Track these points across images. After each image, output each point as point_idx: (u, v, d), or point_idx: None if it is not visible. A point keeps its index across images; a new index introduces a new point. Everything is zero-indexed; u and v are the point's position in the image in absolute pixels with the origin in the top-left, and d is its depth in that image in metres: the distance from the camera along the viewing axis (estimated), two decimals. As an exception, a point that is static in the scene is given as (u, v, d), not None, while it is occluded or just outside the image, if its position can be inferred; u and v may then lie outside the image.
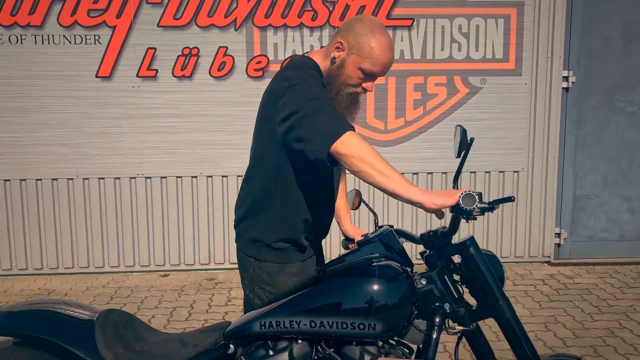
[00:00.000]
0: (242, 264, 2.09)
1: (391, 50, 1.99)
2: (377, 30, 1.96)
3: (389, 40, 1.98)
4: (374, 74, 2.00)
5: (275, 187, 2.00)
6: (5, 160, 4.70)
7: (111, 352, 1.84)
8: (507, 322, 1.84)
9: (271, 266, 2.02)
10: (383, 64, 1.97)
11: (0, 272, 4.84)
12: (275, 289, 2.00)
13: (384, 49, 1.95)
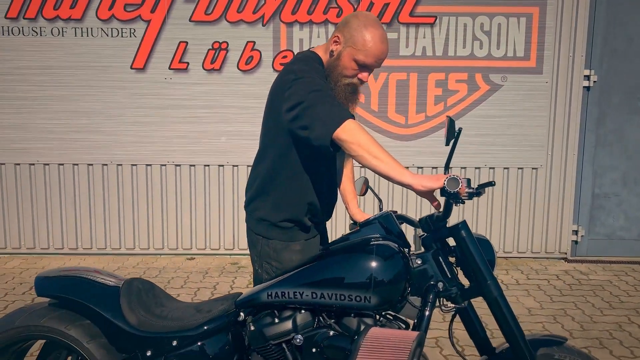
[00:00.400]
0: (251, 242, 2.29)
1: (383, 42, 2.12)
2: (370, 24, 2.11)
3: (381, 33, 2.12)
4: (367, 65, 2.14)
5: (281, 171, 2.19)
6: (45, 146, 4.99)
7: (134, 315, 2.06)
8: (495, 300, 1.98)
9: (277, 243, 2.21)
10: (375, 55, 2.12)
11: (38, 250, 5.16)
12: (280, 265, 2.19)
13: (375, 42, 2.10)
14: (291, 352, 1.98)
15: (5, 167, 5.03)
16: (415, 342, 1.83)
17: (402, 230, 2.10)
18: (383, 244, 1.99)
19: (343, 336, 1.92)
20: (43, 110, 4.95)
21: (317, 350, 1.93)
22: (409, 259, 2.01)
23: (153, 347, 2.03)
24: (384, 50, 2.14)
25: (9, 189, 5.06)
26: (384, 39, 2.13)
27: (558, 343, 2.08)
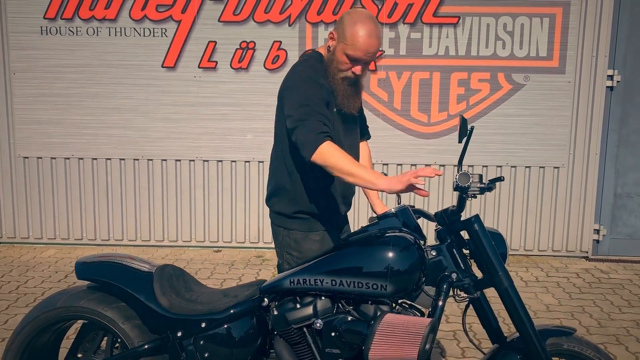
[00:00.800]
0: (274, 233, 2.45)
1: (371, 37, 2.22)
2: (359, 20, 2.23)
3: (370, 28, 2.22)
4: (357, 59, 2.26)
5: (293, 167, 2.36)
6: (80, 141, 5.21)
7: (166, 298, 2.21)
8: (505, 290, 2.08)
9: (297, 234, 2.36)
10: (363, 49, 2.23)
11: (72, 241, 5.38)
12: (301, 254, 2.33)
13: (363, 36, 2.21)
14: (311, 336, 2.12)
15: (42, 161, 5.27)
16: (428, 328, 1.95)
17: (418, 224, 2.21)
18: (400, 235, 2.10)
19: (360, 321, 2.04)
20: (78, 107, 5.17)
21: (335, 334, 2.05)
22: (424, 250, 2.12)
23: (183, 329, 2.18)
24: (372, 44, 2.23)
25: (45, 182, 5.29)
26: (372, 34, 2.23)
27: (567, 333, 2.17)
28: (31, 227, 5.37)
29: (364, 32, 2.22)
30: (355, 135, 2.55)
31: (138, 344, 2.20)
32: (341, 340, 2.05)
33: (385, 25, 4.98)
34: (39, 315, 2.27)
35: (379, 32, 2.27)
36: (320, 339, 2.10)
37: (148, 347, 2.19)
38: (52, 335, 2.43)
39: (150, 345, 2.19)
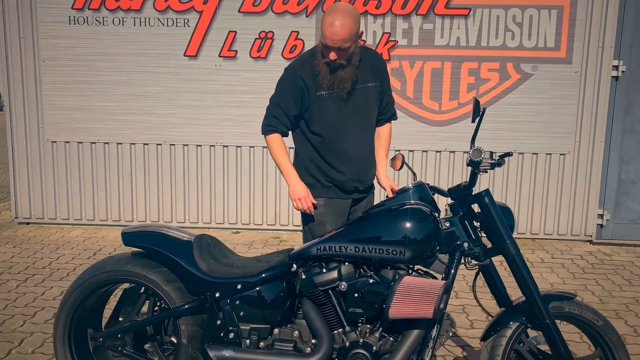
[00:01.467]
0: None
1: (332, 26, 2.48)
2: (328, 12, 2.53)
3: (332, 18, 2.49)
4: (327, 47, 2.55)
5: (298, 140, 2.83)
6: (106, 126, 5.45)
7: (204, 263, 2.45)
8: (512, 257, 2.30)
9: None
10: (327, 37, 2.52)
11: (97, 222, 5.64)
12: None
13: (327, 26, 2.50)
14: (336, 297, 2.35)
15: (69, 145, 5.52)
16: (442, 289, 2.18)
17: (433, 198, 2.43)
18: (417, 207, 2.33)
19: (381, 283, 2.27)
20: (104, 94, 5.40)
21: (358, 295, 2.28)
22: (438, 221, 2.34)
23: (221, 290, 2.41)
24: (334, 32, 2.49)
25: (72, 166, 5.55)
26: (335, 23, 2.48)
27: (568, 298, 2.39)
28: (58, 209, 5.63)
29: (328, 22, 2.51)
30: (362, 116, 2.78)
31: (179, 304, 2.44)
32: (363, 300, 2.28)
33: (399, 17, 5.17)
34: (90, 277, 2.52)
35: (343, 21, 2.48)
36: (344, 300, 2.33)
37: (188, 307, 2.42)
38: (97, 299, 2.68)
39: (190, 305, 2.43)
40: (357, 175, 2.81)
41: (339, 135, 2.73)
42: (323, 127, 2.72)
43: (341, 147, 2.74)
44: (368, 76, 2.75)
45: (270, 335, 2.41)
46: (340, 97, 2.69)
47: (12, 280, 4.20)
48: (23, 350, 3.16)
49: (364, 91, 2.74)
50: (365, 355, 2.28)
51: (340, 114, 2.71)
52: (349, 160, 2.76)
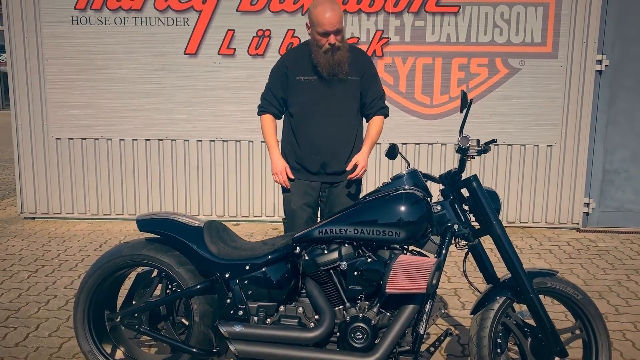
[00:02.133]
0: None
1: (327, 11, 2.84)
2: (317, 5, 2.86)
3: (324, 7, 2.85)
4: (326, 32, 2.87)
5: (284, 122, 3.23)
6: (108, 123, 5.63)
7: (215, 246, 2.64)
8: (498, 237, 2.50)
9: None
10: (324, 23, 2.85)
11: (101, 215, 5.82)
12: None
13: (322, 14, 2.84)
14: (337, 276, 2.54)
15: (73, 142, 5.68)
16: (435, 266, 2.38)
17: (425, 184, 2.63)
18: (410, 192, 2.52)
19: (378, 262, 2.47)
20: (107, 91, 5.57)
21: (358, 273, 2.48)
22: (430, 205, 2.54)
23: (230, 271, 2.60)
24: (331, 16, 2.85)
25: (76, 161, 5.72)
26: (328, 9, 2.85)
27: (551, 275, 2.60)
28: (63, 203, 5.80)
29: (321, 12, 2.86)
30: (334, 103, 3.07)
31: (191, 285, 2.63)
32: (362, 278, 2.47)
33: (391, 14, 5.37)
34: (108, 261, 2.70)
35: (334, 6, 2.87)
36: (345, 278, 2.53)
37: (200, 287, 2.61)
38: (112, 282, 2.86)
39: (201, 285, 2.62)
40: (321, 158, 3.09)
41: (306, 118, 3.07)
42: (295, 108, 3.09)
43: (308, 129, 3.08)
44: (353, 70, 3.03)
45: (276, 312, 2.61)
46: (315, 83, 3.03)
47: (23, 271, 4.38)
48: (40, 335, 3.34)
49: (341, 82, 3.04)
50: (365, 329, 2.48)
51: (312, 98, 3.05)
52: (312, 142, 3.07)
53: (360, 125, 3.22)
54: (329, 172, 3.14)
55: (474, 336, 2.54)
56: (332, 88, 3.06)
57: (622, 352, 3.20)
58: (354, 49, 3.13)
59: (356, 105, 3.14)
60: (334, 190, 3.19)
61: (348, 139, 3.15)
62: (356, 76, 3.08)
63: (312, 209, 3.21)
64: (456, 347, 3.24)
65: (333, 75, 3.00)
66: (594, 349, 2.58)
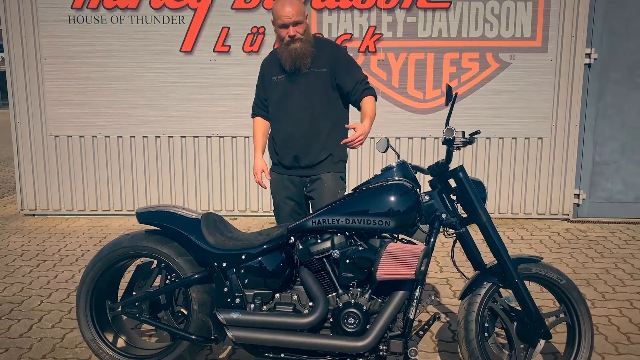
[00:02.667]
0: None
1: (286, 5, 2.95)
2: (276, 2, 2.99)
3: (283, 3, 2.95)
4: (284, 25, 2.98)
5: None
6: (106, 120, 5.71)
7: (212, 237, 2.74)
8: (484, 225, 2.60)
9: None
10: (282, 15, 2.97)
11: (100, 212, 5.91)
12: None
13: (280, 7, 2.96)
14: (330, 264, 2.64)
15: (71, 139, 5.77)
16: (423, 253, 2.49)
17: (414, 175, 2.73)
18: (400, 183, 2.62)
19: (369, 250, 2.57)
20: (104, 89, 5.66)
21: (350, 261, 2.58)
22: (419, 195, 2.64)
23: (227, 261, 2.70)
24: (287, 9, 2.96)
25: (74, 159, 5.80)
26: (287, 3, 2.97)
27: (535, 261, 2.70)
28: (63, 200, 5.89)
29: (279, 6, 2.98)
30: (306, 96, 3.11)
31: (190, 274, 2.72)
32: (354, 265, 2.57)
33: (384, 11, 5.46)
34: (109, 253, 2.80)
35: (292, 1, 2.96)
36: (337, 266, 2.62)
37: (198, 276, 2.71)
38: (113, 274, 2.96)
39: (200, 275, 2.71)
40: (293, 151, 3.15)
41: (280, 114, 3.16)
42: (272, 107, 3.21)
43: (281, 124, 3.17)
44: (318, 63, 3.09)
45: (272, 300, 2.71)
46: (283, 80, 3.12)
47: (24, 266, 4.47)
48: (43, 326, 3.44)
49: (306, 76, 3.10)
50: (357, 314, 2.58)
51: (284, 93, 3.14)
52: (284, 137, 3.16)
53: (337, 117, 3.19)
54: (302, 165, 3.16)
55: (462, 320, 2.64)
56: (297, 82, 3.11)
57: (607, 336, 3.31)
58: (320, 42, 3.16)
59: (326, 98, 3.13)
60: (317, 183, 3.19)
61: (319, 131, 3.13)
62: (323, 68, 3.09)
63: (294, 202, 3.26)
64: (447, 333, 3.35)
65: (296, 69, 3.07)
66: (577, 331, 2.69)
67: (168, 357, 2.79)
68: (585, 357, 2.67)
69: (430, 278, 4.20)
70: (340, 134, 3.17)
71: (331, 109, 3.16)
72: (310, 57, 3.06)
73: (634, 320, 3.51)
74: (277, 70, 3.15)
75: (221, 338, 2.79)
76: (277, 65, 3.15)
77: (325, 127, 3.15)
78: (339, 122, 3.19)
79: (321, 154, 3.15)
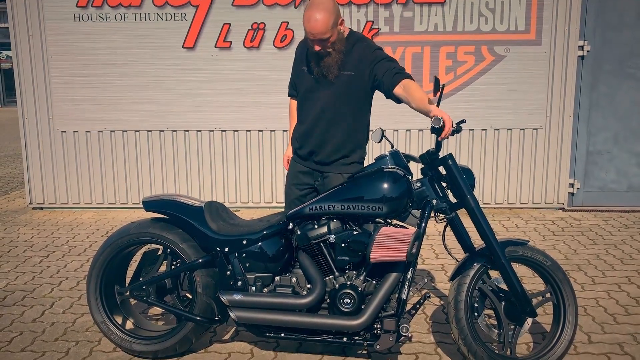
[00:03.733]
0: None
1: (308, 21, 2.83)
2: (307, 8, 2.87)
3: (308, 15, 2.84)
4: (310, 40, 2.91)
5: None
6: (111, 115, 5.86)
7: (215, 223, 2.89)
8: (472, 210, 2.75)
9: None
10: (308, 31, 2.88)
11: (106, 205, 6.07)
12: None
13: (306, 22, 2.85)
14: (326, 248, 2.79)
15: (78, 134, 5.93)
16: (414, 236, 2.63)
17: (406, 164, 2.87)
18: (392, 170, 2.77)
19: (363, 234, 2.72)
20: (109, 85, 5.81)
21: (345, 245, 2.72)
22: (411, 182, 2.79)
23: (229, 246, 2.85)
24: (312, 27, 2.84)
25: (81, 153, 5.96)
26: (312, 18, 2.82)
27: (522, 244, 2.84)
28: (70, 194, 6.05)
29: (306, 17, 2.86)
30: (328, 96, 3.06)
31: (194, 259, 2.88)
32: (349, 249, 2.72)
33: (381, 6, 5.59)
34: (117, 239, 2.95)
35: (319, 16, 2.79)
36: (334, 250, 2.77)
37: (202, 261, 2.86)
38: (121, 260, 3.11)
39: (203, 259, 2.87)
40: (310, 146, 3.16)
41: (303, 107, 3.18)
42: (299, 95, 3.24)
43: (303, 118, 3.19)
44: (347, 65, 2.99)
45: (272, 282, 2.86)
46: (311, 75, 3.08)
47: (35, 257, 4.63)
48: (55, 312, 3.60)
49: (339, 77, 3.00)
50: (352, 295, 2.73)
51: (309, 89, 3.11)
52: (305, 131, 3.16)
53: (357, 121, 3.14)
54: (315, 160, 3.19)
55: (452, 300, 2.79)
56: (323, 82, 3.05)
57: (594, 316, 3.45)
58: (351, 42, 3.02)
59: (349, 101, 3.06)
60: (326, 180, 3.19)
61: (335, 134, 3.10)
62: (350, 71, 3.00)
63: (301, 191, 3.25)
64: (440, 315, 3.50)
65: (322, 76, 3.01)
66: (563, 310, 2.83)
67: (174, 337, 2.94)
68: (569, 334, 2.82)
69: (426, 264, 4.34)
70: (357, 138, 3.16)
71: (353, 112, 3.10)
72: (338, 65, 2.96)
73: (621, 302, 3.65)
74: (306, 62, 3.10)
75: (224, 319, 2.95)
76: (307, 58, 3.08)
77: (343, 130, 3.09)
78: (358, 127, 3.15)
79: (334, 154, 3.13)
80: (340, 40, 2.96)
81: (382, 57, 2.99)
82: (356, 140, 3.16)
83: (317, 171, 3.22)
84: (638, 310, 3.53)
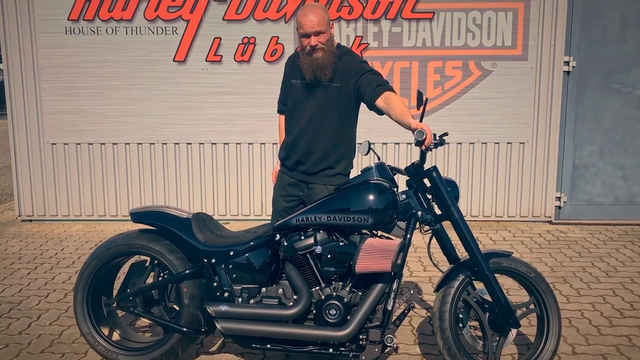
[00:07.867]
0: None
1: (306, 15, 2.98)
2: (301, 9, 3.04)
3: (305, 10, 2.99)
4: (305, 34, 3.02)
5: None
6: (102, 128, 5.88)
7: (202, 235, 2.91)
8: (456, 221, 2.78)
9: None
10: (303, 24, 2.99)
11: (96, 217, 6.07)
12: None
13: (301, 16, 3.00)
14: (313, 259, 2.82)
15: (68, 147, 5.94)
16: (398, 248, 2.66)
17: (392, 176, 2.91)
18: (378, 182, 2.80)
19: (349, 245, 2.74)
20: (100, 98, 5.83)
21: (331, 256, 2.75)
22: (396, 194, 2.83)
23: (216, 257, 2.87)
24: (308, 18, 2.97)
25: (71, 165, 5.97)
26: (308, 12, 2.98)
27: (506, 255, 2.88)
28: (59, 206, 6.05)
29: (302, 14, 3.01)
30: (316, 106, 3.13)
31: (181, 270, 2.89)
32: (335, 260, 2.74)
33: (370, 21, 5.67)
34: (105, 250, 2.97)
35: (315, 10, 2.98)
36: (320, 261, 2.80)
37: (189, 272, 2.88)
38: (108, 271, 3.12)
39: (190, 270, 2.88)
40: (297, 156, 3.21)
41: (292, 118, 3.25)
42: (287, 108, 3.30)
43: (290, 129, 3.26)
44: (335, 77, 3.07)
45: (258, 293, 2.88)
46: (301, 86, 3.15)
47: (23, 269, 4.62)
48: (41, 324, 3.59)
49: (323, 88, 3.09)
50: (338, 306, 2.75)
51: (299, 100, 3.19)
52: (292, 141, 3.23)
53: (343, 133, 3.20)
54: (301, 170, 3.23)
55: (437, 311, 2.82)
56: (313, 93, 3.12)
57: (579, 328, 3.48)
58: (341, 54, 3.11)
59: (336, 113, 3.13)
60: (311, 192, 3.23)
61: (321, 144, 3.15)
62: (337, 83, 3.08)
63: (288, 203, 3.29)
64: (427, 326, 3.52)
65: (316, 79, 3.05)
66: (546, 321, 2.87)
67: (160, 349, 2.95)
68: (553, 344, 2.85)
69: (414, 276, 4.37)
70: (342, 149, 3.21)
71: (338, 124, 3.15)
72: (332, 69, 3.04)
73: (606, 314, 3.69)
74: (297, 75, 3.16)
75: (211, 330, 2.96)
76: (299, 69, 3.13)
77: (328, 140, 3.15)
78: (344, 138, 3.21)
79: (319, 165, 3.17)
80: (331, 43, 3.08)
81: (367, 70, 3.09)
82: (341, 152, 3.22)
83: (302, 182, 3.26)
84: (622, 322, 3.57)
